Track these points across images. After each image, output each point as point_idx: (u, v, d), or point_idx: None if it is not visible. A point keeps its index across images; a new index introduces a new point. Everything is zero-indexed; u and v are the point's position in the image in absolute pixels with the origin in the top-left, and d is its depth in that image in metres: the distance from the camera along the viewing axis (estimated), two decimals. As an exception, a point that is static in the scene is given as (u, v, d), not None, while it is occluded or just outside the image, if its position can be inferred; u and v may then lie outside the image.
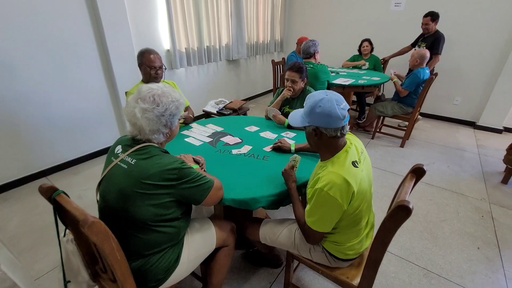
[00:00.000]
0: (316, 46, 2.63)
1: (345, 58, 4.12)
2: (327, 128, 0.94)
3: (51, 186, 0.89)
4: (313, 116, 0.95)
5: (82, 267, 1.02)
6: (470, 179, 2.56)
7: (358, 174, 0.95)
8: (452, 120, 4.03)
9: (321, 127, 0.95)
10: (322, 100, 0.93)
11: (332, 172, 0.93)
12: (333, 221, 0.97)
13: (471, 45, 3.57)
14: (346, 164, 0.95)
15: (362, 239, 1.08)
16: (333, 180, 0.91)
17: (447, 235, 1.89)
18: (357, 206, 0.97)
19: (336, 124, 0.93)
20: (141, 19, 2.85)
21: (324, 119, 0.93)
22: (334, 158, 0.98)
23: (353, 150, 1.00)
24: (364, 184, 0.97)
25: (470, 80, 3.73)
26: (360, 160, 1.00)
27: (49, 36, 2.23)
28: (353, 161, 0.96)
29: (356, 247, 1.07)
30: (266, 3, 4.50)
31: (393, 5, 3.99)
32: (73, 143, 2.64)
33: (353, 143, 1.04)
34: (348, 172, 0.92)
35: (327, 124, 0.94)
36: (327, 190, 0.91)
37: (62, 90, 2.42)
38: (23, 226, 1.92)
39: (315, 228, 0.99)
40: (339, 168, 0.94)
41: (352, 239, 1.06)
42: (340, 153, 0.98)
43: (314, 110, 0.94)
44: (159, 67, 1.80)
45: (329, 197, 0.91)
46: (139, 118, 0.92)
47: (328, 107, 0.92)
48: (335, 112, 0.91)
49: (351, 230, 1.04)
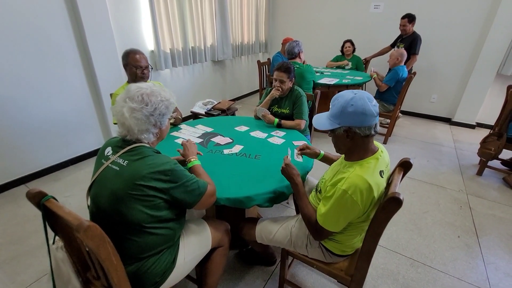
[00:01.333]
0: (300, 46, 2.68)
1: (328, 58, 4.23)
2: (361, 127, 0.91)
3: (40, 191, 0.85)
4: (345, 116, 0.91)
5: (73, 275, 0.98)
6: (448, 172, 2.71)
7: (382, 185, 0.94)
8: (429, 117, 4.24)
9: (354, 126, 0.91)
10: (354, 99, 0.90)
11: (359, 176, 0.90)
12: (346, 222, 0.97)
13: (446, 45, 3.77)
14: (375, 172, 0.93)
15: (362, 237, 1.10)
16: (359, 184, 0.89)
17: (429, 225, 1.99)
18: (369, 214, 0.98)
19: (370, 121, 0.90)
20: (124, 19, 2.78)
21: (358, 117, 0.89)
22: (364, 162, 0.95)
23: (382, 160, 0.98)
24: (380, 194, 0.96)
25: (445, 78, 3.94)
26: (385, 172, 0.99)
27: (26, 36, 2.12)
28: (380, 171, 0.95)
29: (354, 245, 1.11)
30: (250, 4, 4.53)
31: (373, 7, 4.14)
32: (53, 148, 2.52)
33: (383, 153, 1.01)
34: (374, 179, 0.91)
35: (361, 123, 0.90)
36: (351, 193, 0.89)
37: (41, 92, 2.31)
38: (1, 236, 1.81)
39: (327, 226, 0.97)
40: (367, 173, 0.91)
41: (354, 238, 1.08)
42: (370, 158, 0.96)
43: (346, 109, 0.90)
44: (145, 67, 1.77)
45: (352, 201, 0.89)
46: (127, 117, 0.90)
47: (362, 105, 0.88)
48: (369, 109, 0.88)
49: (353, 232, 1.06)
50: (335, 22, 4.54)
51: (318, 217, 0.99)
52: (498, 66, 3.44)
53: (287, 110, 1.98)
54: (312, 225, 1.03)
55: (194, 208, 1.01)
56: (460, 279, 1.58)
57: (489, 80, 3.56)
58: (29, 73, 2.21)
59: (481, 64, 3.53)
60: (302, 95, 1.95)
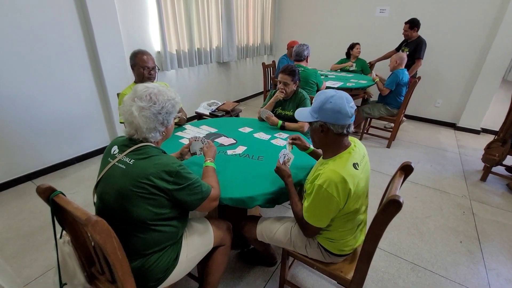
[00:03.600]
0: (309, 50, 2.72)
1: (333, 61, 4.25)
2: (335, 124, 0.97)
3: (49, 187, 0.88)
4: (323, 112, 0.98)
5: (78, 270, 1.01)
6: (452, 177, 2.70)
7: (357, 176, 0.98)
8: (434, 121, 4.23)
9: (329, 123, 0.98)
10: (334, 97, 0.96)
11: (332, 170, 0.95)
12: (329, 217, 1.01)
13: (451, 50, 3.77)
14: (348, 164, 0.97)
15: (356, 235, 1.13)
16: (332, 178, 0.94)
17: (432, 230, 1.98)
18: (353, 206, 1.00)
19: (344, 121, 0.97)
20: (132, 21, 2.83)
21: (333, 114, 0.96)
22: (336, 157, 1.01)
23: (356, 152, 1.03)
24: (361, 187, 1.00)
25: (450, 83, 3.93)
26: (361, 164, 1.03)
27: (35, 36, 2.17)
28: (354, 163, 0.99)
29: (350, 243, 1.12)
30: (256, 7, 4.57)
31: (378, 11, 4.15)
32: (60, 146, 2.57)
33: (357, 146, 1.07)
34: (347, 171, 0.95)
35: (336, 120, 0.96)
36: (325, 187, 0.94)
37: (49, 91, 2.36)
38: (8, 231, 1.86)
39: (312, 222, 1.03)
40: (340, 167, 0.96)
41: (347, 235, 1.10)
42: (343, 153, 1.02)
43: (325, 105, 0.97)
44: (152, 68, 1.80)
45: (328, 194, 0.94)
46: (136, 116, 0.93)
47: (339, 104, 0.95)
48: (345, 109, 0.95)
49: (346, 228, 1.08)
50: (340, 25, 4.56)
51: (303, 213, 1.06)
52: (504, 72, 3.43)
53: (290, 112, 2.00)
54: (300, 221, 1.09)
55: (196, 210, 1.04)
56: (461, 284, 1.57)
57: (494, 86, 3.54)
58: (39, 73, 2.26)
59: (487, 69, 3.51)
60: (306, 98, 1.97)
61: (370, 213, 0.92)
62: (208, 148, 1.30)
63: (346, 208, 1.00)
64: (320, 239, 1.14)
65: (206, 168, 1.19)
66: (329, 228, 1.08)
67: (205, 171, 1.18)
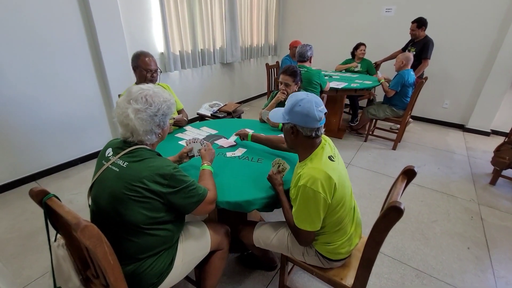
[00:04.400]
0: (312, 50, 2.69)
1: (337, 62, 4.19)
2: (304, 127, 0.99)
3: (42, 190, 0.87)
4: (292, 114, 0.99)
5: (73, 273, 1.00)
6: (460, 180, 2.62)
7: (336, 168, 1.00)
8: (441, 123, 4.13)
9: (298, 125, 1.00)
10: (303, 100, 0.98)
11: (312, 168, 0.97)
12: (320, 217, 0.99)
13: (460, 50, 3.67)
14: (323, 158, 0.99)
15: (350, 236, 1.10)
16: (314, 175, 0.94)
17: (438, 235, 1.92)
18: (339, 199, 1.00)
19: (313, 124, 0.98)
20: (135, 22, 2.84)
21: (302, 118, 0.98)
22: (312, 155, 1.03)
23: (327, 146, 1.06)
24: (342, 178, 1.01)
25: (458, 84, 3.83)
26: (335, 155, 1.06)
27: (39, 38, 2.19)
28: (329, 156, 1.02)
29: (346, 244, 1.09)
30: (260, 7, 4.54)
31: (384, 11, 4.08)
32: (63, 147, 2.59)
33: (327, 141, 1.10)
34: (327, 166, 0.97)
35: (304, 123, 0.98)
36: (309, 185, 0.93)
37: (53, 93, 2.38)
38: (10, 231, 1.87)
39: (304, 227, 1.00)
40: (318, 163, 0.98)
41: (341, 236, 1.07)
42: (317, 150, 1.04)
43: (294, 108, 0.99)
44: (154, 70, 1.79)
45: (313, 192, 0.93)
46: (132, 119, 0.91)
47: (307, 108, 0.96)
48: (313, 113, 0.96)
49: (338, 227, 1.06)
50: (345, 25, 4.50)
51: (294, 220, 1.04)
52: (515, 71, 3.32)
53: (292, 114, 1.96)
54: (293, 229, 1.07)
55: (192, 214, 1.01)
56: (468, 292, 1.52)
57: (505, 86, 3.43)
58: (43, 74, 2.28)
59: (497, 68, 3.41)
60: (308, 99, 1.93)
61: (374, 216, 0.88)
62: (206, 151, 1.28)
63: (334, 202, 0.99)
64: (317, 246, 1.11)
65: (203, 171, 1.17)
66: (323, 230, 1.05)
67: (202, 174, 1.16)
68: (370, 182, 2.55)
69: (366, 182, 2.54)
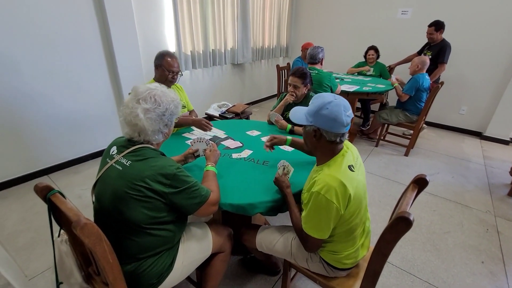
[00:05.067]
0: (323, 52, 2.65)
1: (350, 64, 4.12)
2: (328, 131, 0.93)
3: (47, 185, 0.88)
4: (318, 117, 0.94)
5: (75, 269, 1.00)
6: (475, 190, 2.51)
7: (355, 178, 0.94)
8: (457, 129, 3.98)
9: (323, 129, 0.94)
10: (331, 103, 0.92)
11: (329, 175, 0.91)
12: (330, 227, 0.95)
13: (478, 54, 3.53)
14: (343, 167, 0.93)
15: (358, 248, 1.05)
16: (330, 183, 0.89)
17: (450, 247, 1.84)
18: (353, 211, 0.95)
19: (338, 129, 0.93)
20: (148, 22, 2.88)
21: (328, 122, 0.92)
22: (331, 162, 0.97)
23: (349, 155, 0.99)
24: (360, 190, 0.95)
25: (476, 89, 3.68)
26: (356, 165, 0.99)
27: (55, 38, 2.25)
28: (349, 165, 0.95)
29: (353, 255, 1.04)
30: (273, 9, 4.53)
31: (400, 13, 3.98)
32: (75, 143, 2.65)
33: (349, 148, 1.03)
34: (345, 175, 0.91)
35: (330, 128, 0.93)
36: (323, 193, 0.89)
37: (67, 91, 2.44)
38: (21, 224, 1.92)
39: (313, 234, 0.96)
40: (336, 171, 0.92)
41: (349, 247, 1.03)
42: (336, 156, 0.98)
43: (321, 111, 0.93)
44: (176, 72, 1.81)
45: (326, 201, 0.89)
46: (141, 119, 0.91)
47: (335, 112, 0.91)
48: (341, 117, 0.90)
49: (347, 238, 1.01)
50: (359, 27, 4.42)
51: (303, 225, 0.99)
52: (538, 78, 3.16)
53: (301, 116, 1.93)
54: (299, 233, 1.03)
55: (194, 215, 1.00)
56: (481, 310, 1.44)
57: (527, 93, 3.27)
58: (57, 72, 2.34)
59: (519, 75, 3.26)
60: (317, 102, 1.89)
61: (383, 224, 0.84)
62: (211, 152, 1.27)
63: (347, 214, 0.93)
64: (322, 253, 1.07)
65: (207, 172, 1.16)
66: (331, 239, 1.01)
67: (206, 175, 1.15)
68: (381, 188, 2.48)
69: (376, 189, 2.47)
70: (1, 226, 1.89)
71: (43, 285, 1.50)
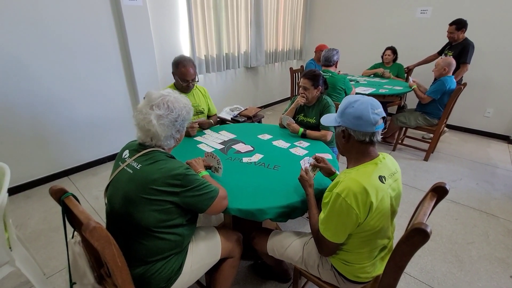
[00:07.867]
0: (338, 55, 2.61)
1: (366, 66, 4.02)
2: (356, 130, 0.92)
3: (61, 188, 0.91)
4: (344, 117, 0.94)
5: (88, 270, 1.02)
6: (502, 198, 2.35)
7: (382, 190, 0.88)
8: (483, 133, 3.76)
9: (350, 128, 0.94)
10: (356, 102, 0.92)
11: (353, 179, 0.87)
12: (346, 232, 0.91)
13: (504, 53, 3.33)
14: (372, 176, 0.88)
15: (375, 262, 0.99)
16: (352, 187, 0.85)
17: (474, 259, 1.72)
18: (374, 224, 0.89)
19: (366, 128, 0.91)
20: (163, 28, 2.95)
21: (354, 120, 0.92)
22: (360, 167, 0.94)
23: (383, 166, 0.94)
24: (385, 203, 0.89)
25: (503, 91, 3.47)
26: (388, 179, 0.92)
27: (75, 45, 2.35)
28: (380, 175, 0.90)
29: (368, 270, 0.99)
30: (287, 12, 4.51)
31: (419, 12, 3.84)
32: (94, 145, 2.75)
33: (387, 161, 0.97)
34: (370, 183, 0.86)
35: (357, 127, 0.92)
36: (344, 196, 0.85)
37: (86, 96, 2.54)
38: (42, 223, 2.01)
39: (328, 236, 0.93)
40: (362, 177, 0.87)
41: (364, 260, 0.97)
42: (368, 163, 0.94)
43: (346, 110, 0.94)
44: (191, 80, 1.82)
45: (346, 205, 0.85)
46: (154, 124, 0.93)
47: (361, 110, 0.90)
48: (367, 115, 0.89)
49: (363, 250, 0.96)
50: (376, 28, 4.30)
51: (320, 225, 0.97)
52: None
53: (313, 120, 1.90)
54: (315, 234, 1.01)
55: (207, 212, 1.00)
56: (509, 329, 1.33)
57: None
58: (78, 77, 2.45)
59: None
60: (331, 105, 1.86)
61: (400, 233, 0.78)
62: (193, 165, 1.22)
63: (366, 224, 0.88)
64: (334, 260, 1.03)
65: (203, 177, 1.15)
66: (345, 247, 0.97)
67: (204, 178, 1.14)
68: (397, 194, 2.37)
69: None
70: (25, 225, 1.99)
71: (60, 283, 1.56)
